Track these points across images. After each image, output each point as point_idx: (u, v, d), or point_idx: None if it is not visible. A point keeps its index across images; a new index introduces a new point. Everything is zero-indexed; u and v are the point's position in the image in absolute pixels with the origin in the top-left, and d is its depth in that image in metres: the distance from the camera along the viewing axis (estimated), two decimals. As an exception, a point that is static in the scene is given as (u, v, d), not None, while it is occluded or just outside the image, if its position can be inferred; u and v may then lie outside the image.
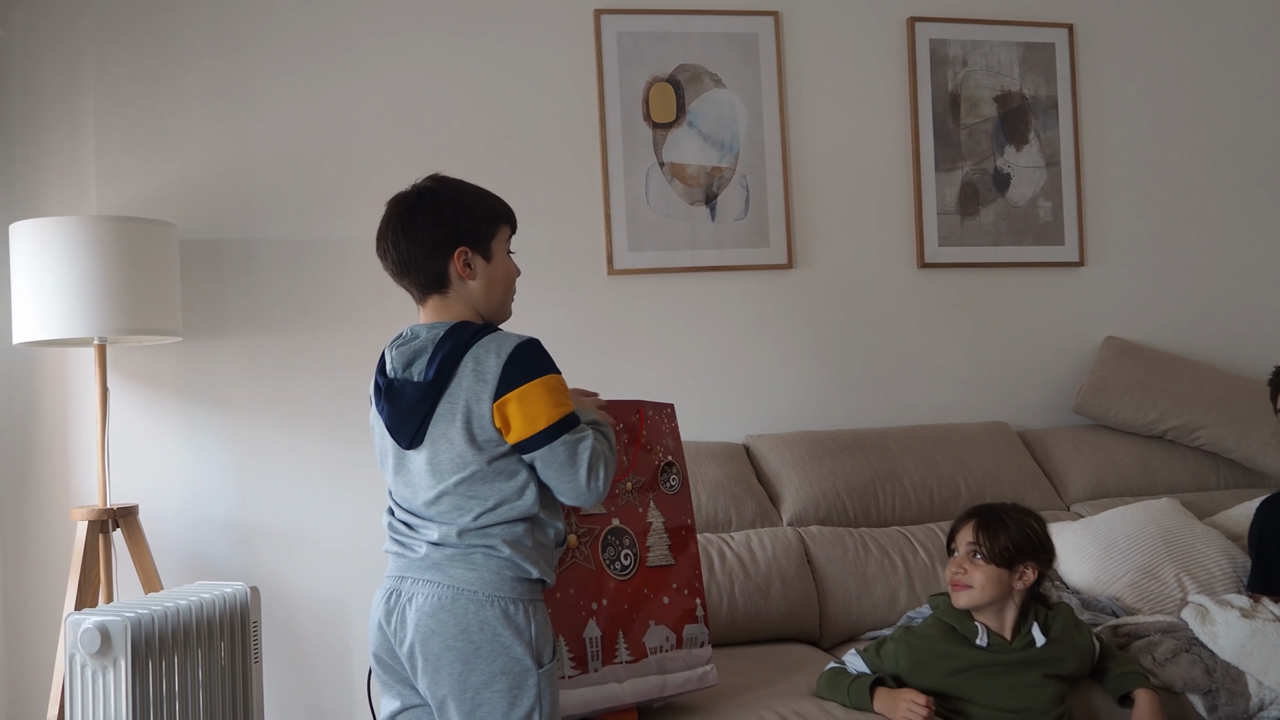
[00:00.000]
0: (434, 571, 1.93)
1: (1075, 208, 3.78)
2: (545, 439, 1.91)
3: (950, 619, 2.42)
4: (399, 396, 1.97)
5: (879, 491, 3.25)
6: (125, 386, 3.16)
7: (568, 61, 3.44)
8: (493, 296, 2.05)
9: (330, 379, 3.24)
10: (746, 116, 3.54)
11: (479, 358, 1.92)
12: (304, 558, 3.22)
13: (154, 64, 3.21)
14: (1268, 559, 2.88)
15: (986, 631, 2.38)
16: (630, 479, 2.34)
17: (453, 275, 2.00)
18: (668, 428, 2.45)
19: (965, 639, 2.38)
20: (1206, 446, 3.55)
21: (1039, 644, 2.38)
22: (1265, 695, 2.48)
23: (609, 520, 2.29)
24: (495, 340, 1.94)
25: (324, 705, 3.23)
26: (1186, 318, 3.89)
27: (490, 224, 2.04)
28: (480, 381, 1.91)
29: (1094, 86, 3.84)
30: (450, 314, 2.01)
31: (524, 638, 1.91)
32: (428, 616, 1.91)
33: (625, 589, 2.28)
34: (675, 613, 2.35)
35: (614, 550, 2.29)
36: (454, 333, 1.96)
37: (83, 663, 2.27)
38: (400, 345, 2.01)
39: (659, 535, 2.36)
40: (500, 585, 1.91)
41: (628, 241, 3.44)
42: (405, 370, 1.98)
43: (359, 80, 3.32)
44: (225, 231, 3.23)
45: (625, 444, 2.34)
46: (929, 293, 3.68)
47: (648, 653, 2.29)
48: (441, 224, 1.99)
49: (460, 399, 1.91)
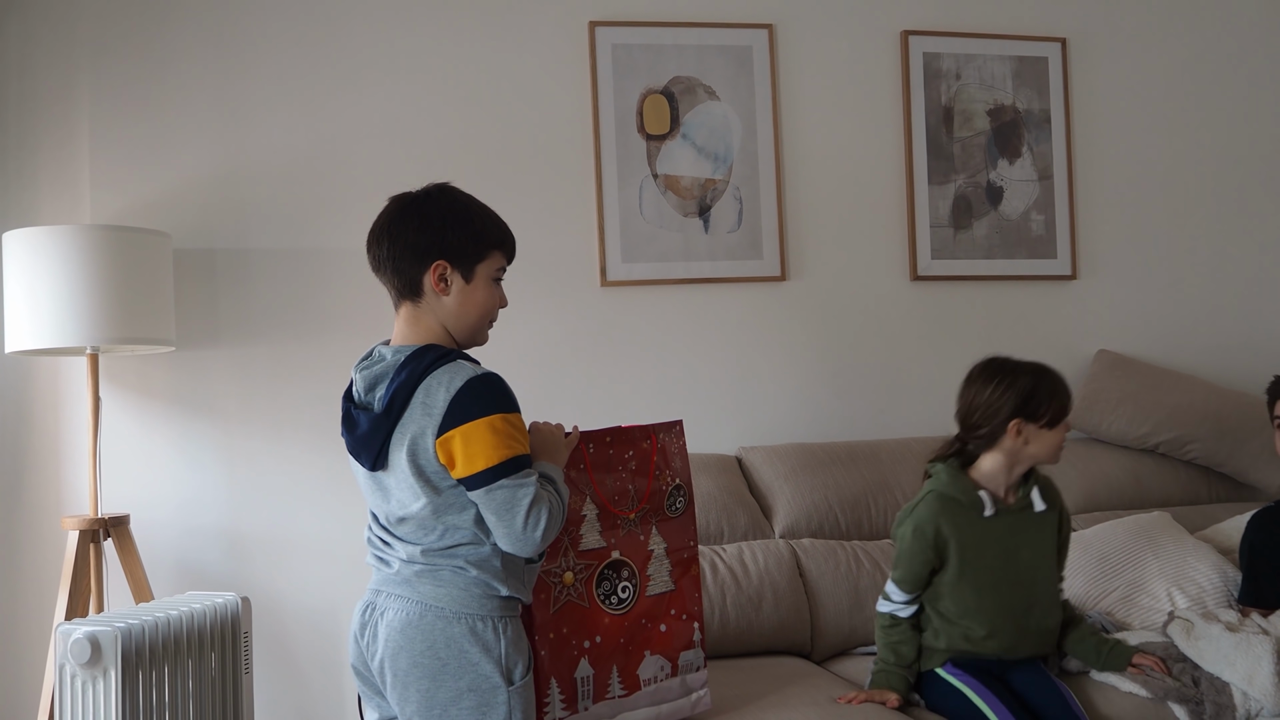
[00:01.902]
0: (404, 587, 1.93)
1: (1068, 221, 3.79)
2: (482, 481, 1.87)
3: (953, 491, 2.53)
4: (355, 425, 1.97)
5: (871, 504, 3.26)
6: (118, 396, 3.16)
7: (562, 73, 3.45)
8: (464, 320, 2.00)
9: (323, 389, 3.24)
10: (740, 129, 3.54)
11: (430, 389, 1.89)
12: (295, 568, 3.21)
13: (148, 73, 3.21)
14: (1259, 573, 2.88)
15: (992, 499, 2.52)
16: (636, 512, 2.27)
17: (426, 286, 1.97)
18: (676, 447, 2.37)
19: (973, 509, 2.53)
20: (1198, 460, 3.55)
21: (1038, 508, 2.55)
22: (1251, 706, 2.49)
23: (608, 554, 2.22)
24: (449, 373, 1.90)
25: (315, 716, 3.22)
26: (1179, 331, 3.90)
27: (480, 245, 2.00)
28: (426, 415, 1.88)
29: (1087, 100, 3.85)
30: (419, 327, 1.99)
31: (492, 655, 1.89)
32: (396, 632, 1.91)
33: (622, 623, 2.23)
34: (673, 640, 2.30)
35: (610, 584, 2.22)
36: (413, 360, 1.92)
37: (73, 673, 2.26)
38: (365, 368, 1.99)
39: (660, 561, 2.30)
40: (468, 602, 1.90)
41: (621, 253, 3.44)
42: (368, 394, 1.97)
43: (353, 91, 3.32)
44: (219, 241, 3.23)
45: (633, 472, 2.27)
46: (922, 305, 3.69)
47: (641, 685, 2.25)
48: (427, 231, 1.96)
49: (408, 432, 1.89)
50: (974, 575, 2.52)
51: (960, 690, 2.48)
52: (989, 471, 2.57)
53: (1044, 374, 2.54)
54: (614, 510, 2.23)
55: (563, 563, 2.16)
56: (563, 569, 2.16)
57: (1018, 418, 2.50)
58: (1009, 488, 2.58)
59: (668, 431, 2.36)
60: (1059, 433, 2.54)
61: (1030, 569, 2.56)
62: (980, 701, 2.43)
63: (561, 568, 2.15)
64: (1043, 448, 2.54)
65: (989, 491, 2.54)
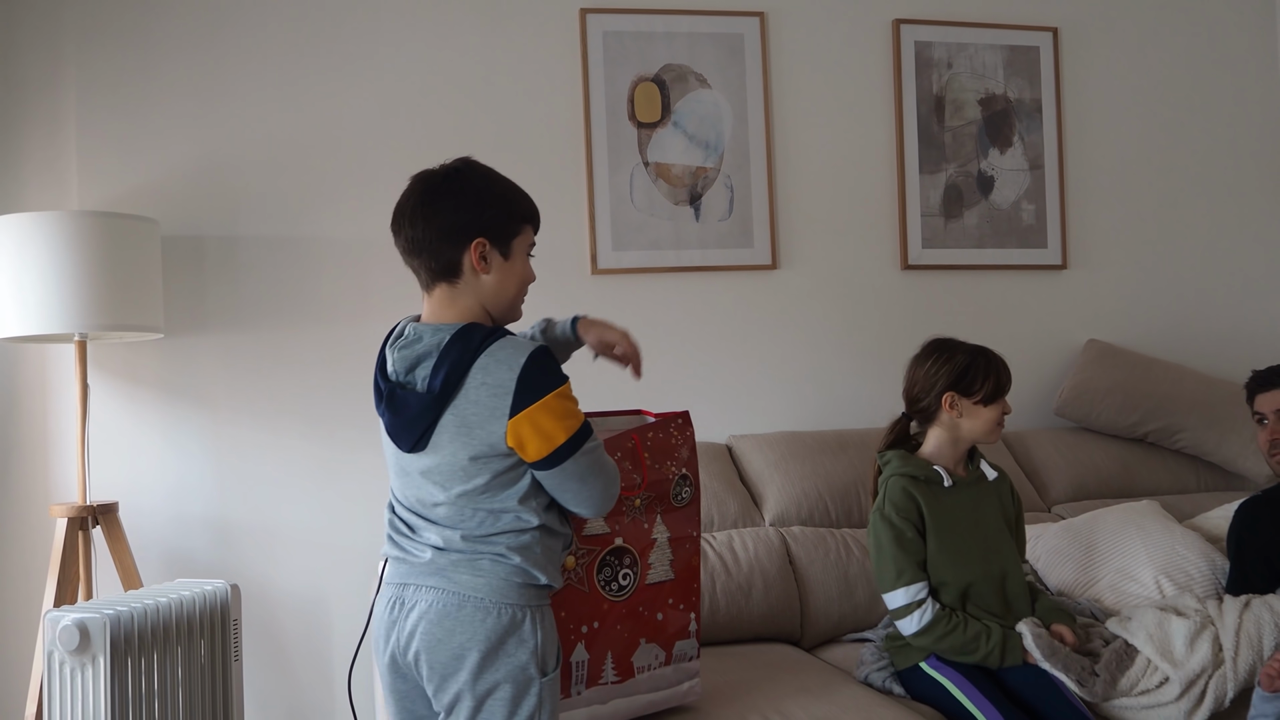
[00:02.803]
0: (438, 577, 1.87)
1: (1058, 211, 3.80)
2: (562, 455, 1.84)
3: (910, 469, 2.62)
4: (402, 406, 1.88)
5: (861, 492, 3.26)
6: (106, 383, 3.15)
7: (553, 60, 3.44)
8: (503, 296, 1.94)
9: (311, 377, 3.23)
10: (731, 117, 3.54)
11: (489, 370, 1.83)
12: (284, 555, 3.21)
13: (136, 59, 3.20)
14: (1246, 562, 2.89)
15: (947, 472, 2.63)
16: (640, 496, 2.25)
17: (466, 266, 1.90)
18: (681, 438, 2.34)
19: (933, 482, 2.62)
20: (1187, 449, 3.57)
21: (990, 477, 2.68)
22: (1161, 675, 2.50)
23: (611, 540, 2.21)
24: (506, 350, 1.84)
25: (304, 703, 3.22)
26: (1168, 321, 3.91)
27: (515, 220, 1.95)
28: (493, 397, 1.82)
29: (1078, 90, 3.85)
30: (455, 308, 1.92)
31: (528, 646, 1.86)
32: (433, 624, 1.86)
33: (620, 609, 2.22)
34: (668, 629, 2.30)
35: (611, 570, 2.20)
36: (461, 339, 1.85)
37: (61, 660, 2.26)
38: (402, 347, 1.91)
39: (662, 550, 2.28)
40: (508, 592, 1.86)
41: (612, 241, 3.44)
42: (409, 374, 1.89)
43: (343, 78, 3.31)
44: (207, 228, 3.22)
45: (630, 468, 2.24)
46: (912, 295, 3.69)
47: (635, 672, 2.25)
48: (464, 210, 1.90)
49: (468, 413, 1.83)
50: (950, 546, 2.56)
51: (942, 684, 2.48)
52: (933, 450, 2.67)
53: (980, 353, 2.65)
54: (621, 493, 2.18)
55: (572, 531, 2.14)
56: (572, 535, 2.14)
57: (951, 391, 2.61)
58: (956, 463, 2.68)
59: (665, 424, 2.33)
60: (994, 411, 2.62)
61: (997, 536, 2.64)
62: (962, 696, 2.44)
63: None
64: (977, 424, 2.63)
65: (944, 467, 2.64)
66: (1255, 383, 2.98)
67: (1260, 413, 2.94)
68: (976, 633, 2.50)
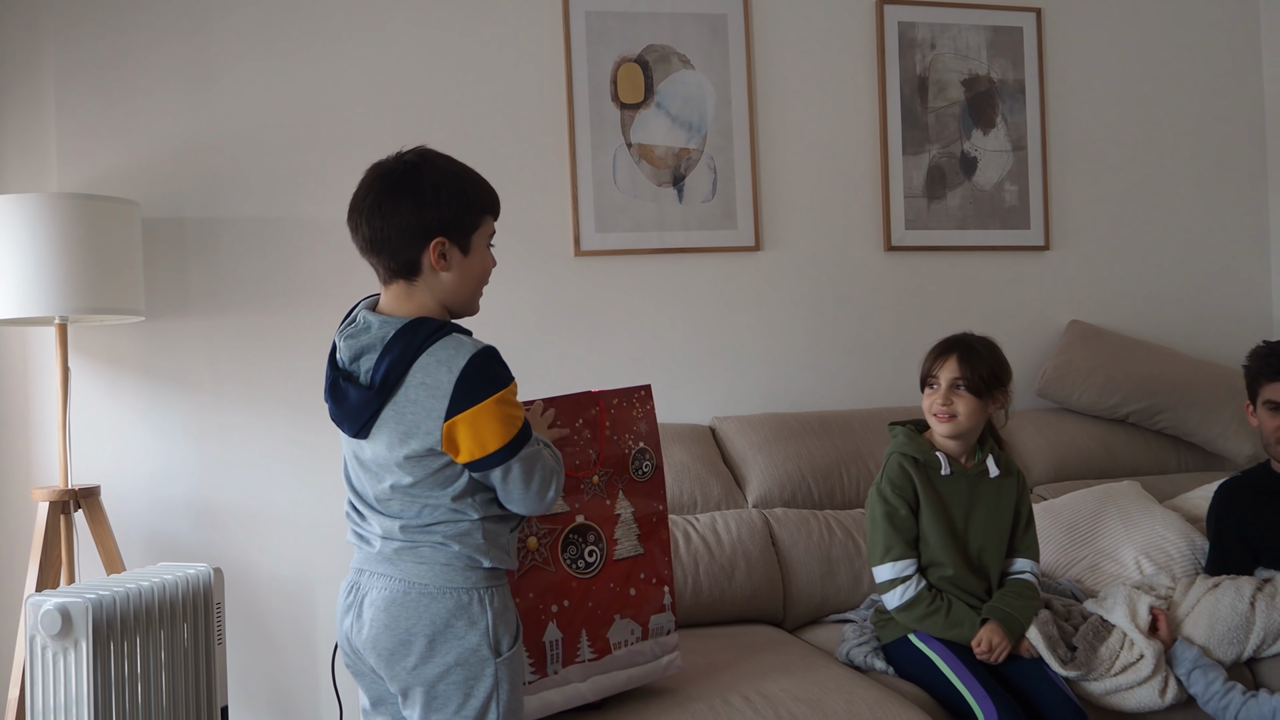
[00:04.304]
0: (387, 565, 1.89)
1: (1041, 192, 3.80)
2: (497, 460, 1.83)
3: (911, 450, 2.62)
4: (343, 397, 1.89)
5: (844, 473, 3.27)
6: (87, 366, 3.13)
7: (535, 41, 3.42)
8: (462, 291, 1.93)
9: (294, 360, 3.22)
10: (715, 98, 3.53)
11: (429, 369, 1.81)
12: (267, 538, 3.21)
13: (116, 39, 3.17)
14: (1225, 542, 2.91)
15: (948, 460, 2.62)
16: (597, 473, 2.28)
17: (425, 265, 1.88)
18: (640, 411, 2.37)
19: (931, 467, 2.62)
20: (1168, 430, 3.59)
21: (992, 474, 2.64)
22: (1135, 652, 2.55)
23: (572, 519, 2.23)
24: (448, 351, 1.82)
25: (288, 686, 3.22)
26: (1150, 302, 3.93)
27: (475, 214, 1.92)
28: (430, 398, 1.80)
29: (1061, 71, 3.86)
30: (412, 303, 1.91)
31: (479, 627, 1.86)
32: (381, 611, 1.88)
33: (590, 586, 2.23)
34: (642, 604, 2.32)
35: (576, 549, 2.23)
36: (405, 334, 1.83)
37: (43, 644, 2.25)
38: (350, 335, 1.90)
39: (628, 526, 2.30)
40: (451, 577, 1.86)
41: (595, 222, 3.43)
42: (353, 363, 1.89)
43: (325, 58, 3.29)
44: (188, 210, 3.20)
45: (589, 440, 2.27)
46: (895, 275, 3.70)
47: (612, 648, 2.26)
48: (423, 209, 1.86)
49: (405, 412, 1.82)
50: (935, 532, 2.59)
51: (929, 658, 2.51)
52: (938, 434, 2.68)
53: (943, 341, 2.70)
54: (574, 474, 2.23)
55: (525, 529, 2.15)
56: (525, 534, 2.16)
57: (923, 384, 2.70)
58: (962, 452, 2.68)
59: (626, 397, 2.36)
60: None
61: (985, 532, 2.63)
62: (948, 670, 2.46)
63: (525, 533, 2.16)
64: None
65: (946, 454, 2.64)
66: (1267, 369, 2.93)
67: (1273, 400, 2.90)
68: (960, 617, 2.52)
